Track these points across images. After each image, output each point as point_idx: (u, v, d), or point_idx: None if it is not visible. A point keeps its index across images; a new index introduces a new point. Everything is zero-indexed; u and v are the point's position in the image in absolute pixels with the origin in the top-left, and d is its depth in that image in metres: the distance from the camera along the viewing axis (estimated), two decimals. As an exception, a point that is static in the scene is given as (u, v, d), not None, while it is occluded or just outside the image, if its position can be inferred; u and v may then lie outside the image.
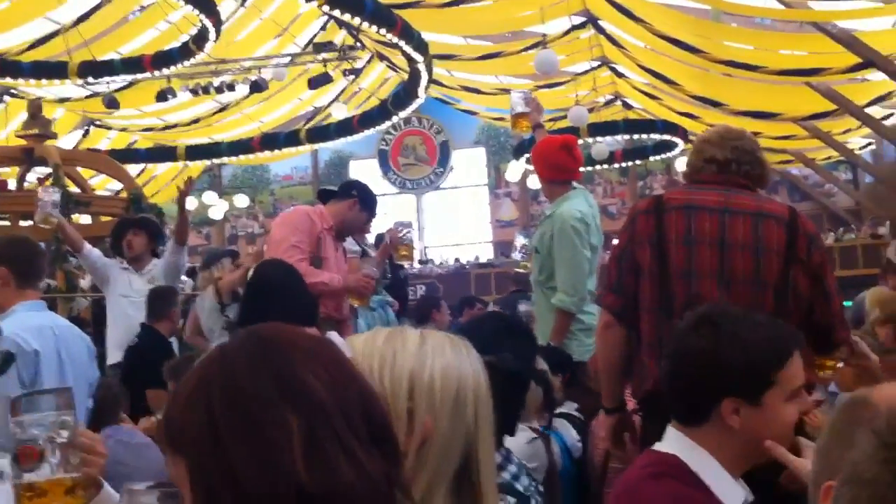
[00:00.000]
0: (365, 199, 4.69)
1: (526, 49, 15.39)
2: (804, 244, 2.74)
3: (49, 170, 9.59)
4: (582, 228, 4.39)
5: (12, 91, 17.08)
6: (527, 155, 16.84)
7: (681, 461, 1.85)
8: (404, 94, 15.60)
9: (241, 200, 23.72)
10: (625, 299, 2.83)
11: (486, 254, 23.23)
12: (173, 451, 0.97)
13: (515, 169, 20.53)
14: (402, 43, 11.92)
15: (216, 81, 15.80)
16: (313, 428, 0.93)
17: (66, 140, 16.82)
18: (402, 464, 1.00)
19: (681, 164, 20.17)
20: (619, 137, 18.05)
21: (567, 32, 15.32)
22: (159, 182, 21.56)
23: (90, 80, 13.95)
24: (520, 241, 5.60)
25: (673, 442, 1.91)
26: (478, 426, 1.36)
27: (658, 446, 1.94)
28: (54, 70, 13.14)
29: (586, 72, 16.92)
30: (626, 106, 19.45)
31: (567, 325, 4.37)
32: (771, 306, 2.66)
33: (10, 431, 1.57)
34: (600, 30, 15.30)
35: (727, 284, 2.70)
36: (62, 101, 17.42)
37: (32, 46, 14.62)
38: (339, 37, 17.24)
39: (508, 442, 2.18)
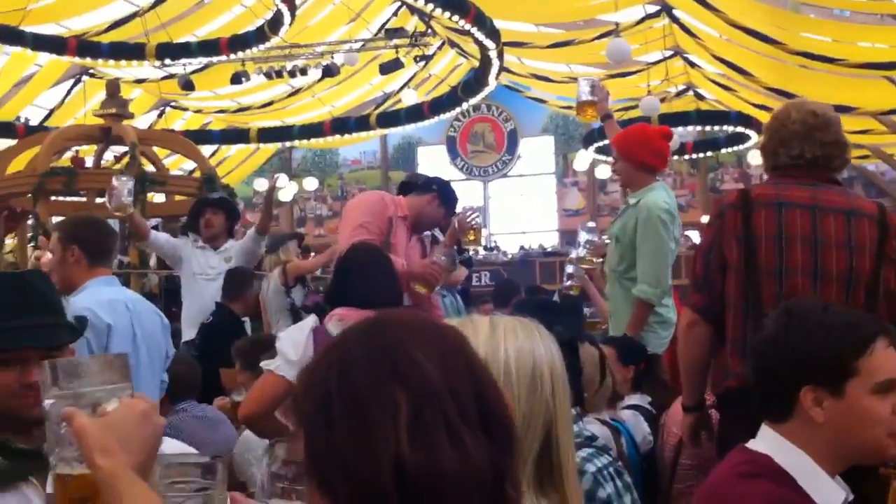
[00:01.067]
0: (444, 196, 4.67)
1: (598, 37, 15.26)
2: (895, 242, 2.72)
3: (125, 149, 9.81)
4: (668, 220, 4.32)
5: (91, 71, 17.50)
6: (596, 144, 16.76)
7: (773, 461, 1.80)
8: (475, 81, 15.60)
9: (311, 183, 23.96)
10: (711, 297, 2.80)
11: (552, 242, 23.13)
12: (297, 426, 1.00)
13: (583, 158, 20.39)
14: (474, 30, 11.92)
15: (289, 65, 15.96)
16: (420, 408, 0.94)
17: (142, 120, 17.16)
18: (514, 454, 1.00)
19: (753, 157, 19.85)
20: (690, 128, 17.80)
21: (640, 21, 15.15)
22: (231, 163, 21.91)
23: (167, 61, 14.18)
24: (583, 236, 5.47)
25: (766, 440, 1.86)
26: (556, 405, 1.37)
27: (751, 444, 1.89)
28: (132, 51, 13.41)
29: (659, 61, 16.71)
30: (699, 97, 19.16)
31: (646, 317, 4.30)
32: (862, 305, 2.63)
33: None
34: (674, 19, 15.10)
35: (819, 282, 2.67)
36: (139, 82, 17.78)
37: (111, 28, 14.93)
38: (411, 23, 17.29)
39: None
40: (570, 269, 5.50)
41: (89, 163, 10.57)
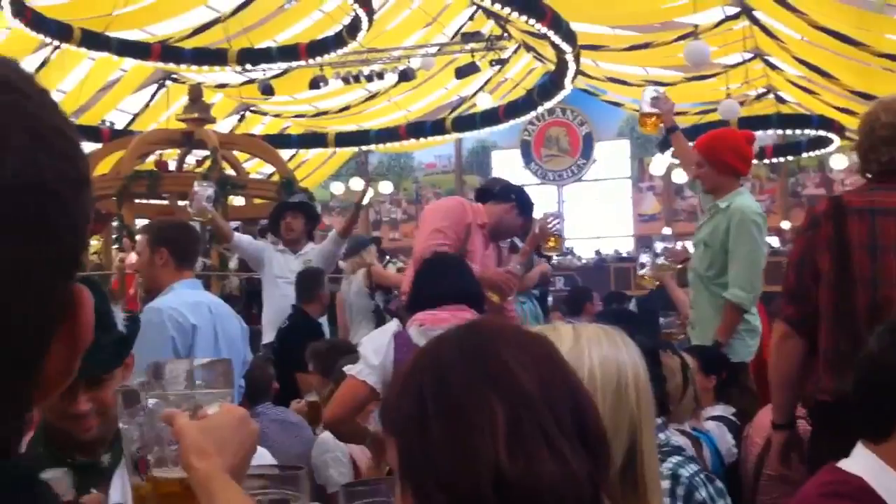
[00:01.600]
0: (523, 205, 4.66)
1: (676, 40, 15.08)
2: None
3: (207, 152, 10.01)
4: (762, 223, 4.27)
5: (174, 76, 17.90)
6: (673, 148, 16.53)
7: (865, 483, 1.73)
8: (551, 84, 15.56)
9: (386, 187, 24.14)
10: (804, 309, 2.73)
11: (627, 247, 22.92)
12: (388, 434, 1.00)
13: (660, 162, 20.14)
14: (550, 33, 11.88)
15: (366, 70, 16.11)
16: (518, 417, 0.93)
17: (223, 124, 17.48)
18: (609, 467, 0.99)
19: (836, 162, 19.40)
20: (770, 132, 17.47)
21: (720, 23, 14.93)
22: (309, 167, 22.20)
23: (248, 66, 14.44)
24: (659, 246, 5.43)
25: (860, 460, 1.79)
26: (640, 414, 1.36)
27: (842, 464, 1.82)
28: (214, 57, 13.70)
29: (738, 64, 16.44)
30: (780, 100, 18.79)
31: (737, 322, 4.20)
32: None
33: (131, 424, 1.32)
34: (755, 20, 14.84)
35: None
36: (220, 86, 18.12)
37: (194, 33, 15.26)
38: (487, 27, 17.30)
39: None
40: (644, 258, 5.47)
41: (172, 166, 10.80)
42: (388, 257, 11.04)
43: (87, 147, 16.15)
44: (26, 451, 1.79)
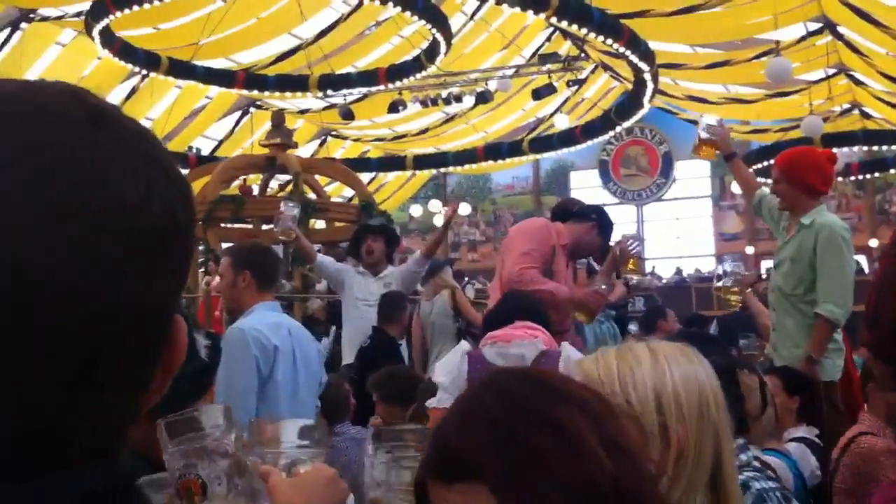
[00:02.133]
0: (603, 225, 4.67)
1: (757, 57, 14.89)
2: None
3: (289, 177, 10.20)
4: (849, 239, 4.25)
5: (258, 103, 18.31)
6: (755, 166, 16.28)
7: None
8: (628, 104, 15.50)
9: (464, 208, 24.22)
10: (880, 334, 2.71)
11: (708, 267, 22.58)
12: (461, 481, 0.96)
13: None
14: (628, 52, 11.85)
15: (444, 93, 16.25)
16: (599, 424, 0.95)
17: (305, 149, 17.81)
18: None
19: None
20: (855, 149, 17.09)
21: (802, 39, 14.71)
22: (388, 189, 22.43)
23: (329, 92, 14.70)
24: (728, 265, 5.40)
25: None
26: (720, 429, 1.38)
27: None
28: (296, 83, 13.98)
29: (822, 80, 16.15)
30: (865, 115, 18.38)
31: (829, 338, 4.16)
32: None
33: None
34: (838, 35, 14.58)
35: None
36: (302, 112, 18.47)
37: (276, 61, 15.61)
38: (564, 48, 17.32)
39: None
40: (726, 267, 5.42)
41: (256, 191, 11.03)
42: (465, 279, 11.09)
43: (175, 173, 16.60)
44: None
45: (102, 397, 0.62)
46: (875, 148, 16.88)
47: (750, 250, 22.47)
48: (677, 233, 24.59)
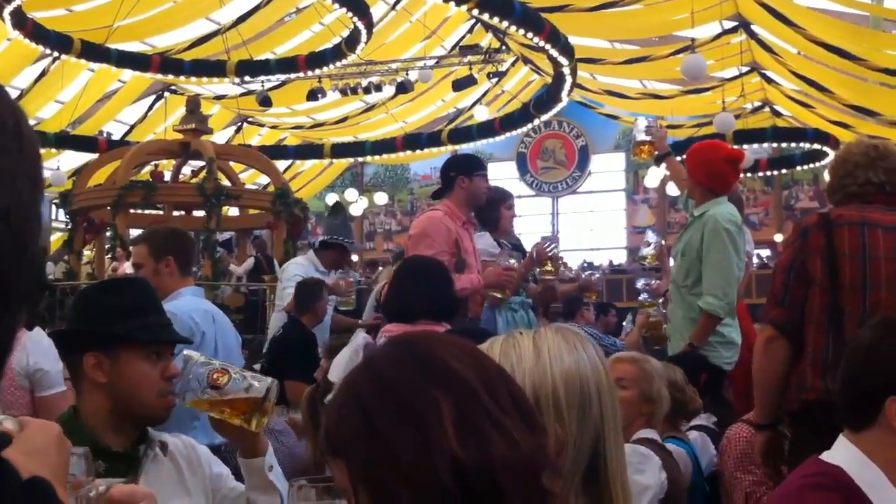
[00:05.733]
0: (464, 169, 4.65)
1: (673, 53, 15.17)
2: None
3: (203, 163, 10.06)
4: (735, 231, 4.25)
5: (172, 88, 17.96)
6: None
7: (846, 474, 1.82)
8: (547, 97, 15.63)
9: (381, 198, 24.19)
10: (791, 312, 2.85)
11: (620, 259, 22.96)
12: (335, 457, 1.01)
13: (655, 175, 20.20)
14: (548, 46, 11.94)
15: (364, 82, 16.17)
16: (462, 405, 0.96)
17: (220, 136, 17.54)
18: (549, 441, 1.03)
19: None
20: (765, 145, 17.53)
21: (717, 37, 15.03)
22: (305, 177, 22.24)
23: (246, 78, 14.50)
24: (651, 237, 5.53)
25: (841, 451, 1.88)
26: (604, 421, 1.35)
27: (825, 456, 1.91)
28: (213, 68, 13.76)
29: (735, 77, 16.53)
30: (775, 113, 18.89)
31: (711, 330, 4.20)
32: None
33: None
34: (752, 34, 14.93)
35: None
36: (218, 98, 18.18)
37: (193, 45, 15.33)
38: (486, 40, 17.38)
39: None
40: (650, 236, 5.56)
41: (168, 177, 10.84)
42: (380, 268, 11.06)
43: (84, 157, 16.21)
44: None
45: None
46: (784, 145, 17.33)
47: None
48: (591, 225, 24.94)
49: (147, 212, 9.85)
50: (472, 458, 0.94)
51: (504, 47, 17.01)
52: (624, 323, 7.49)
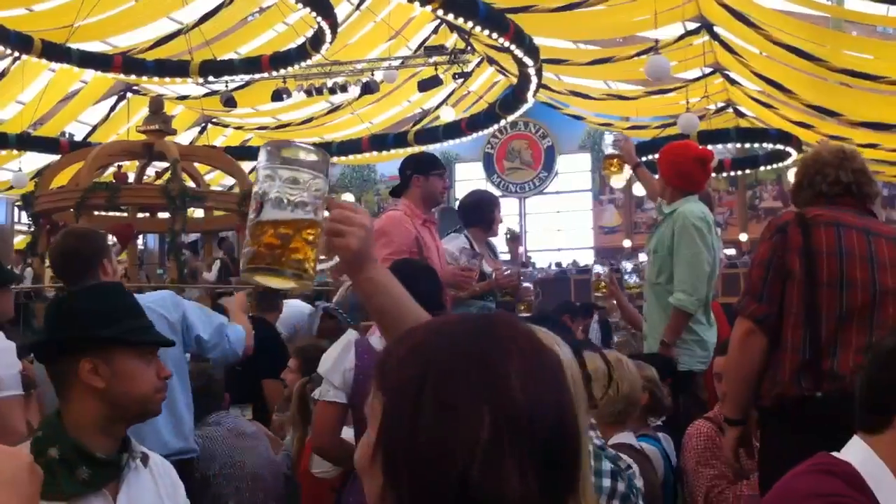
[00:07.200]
0: (420, 168, 4.64)
1: (637, 54, 15.25)
2: None
3: (167, 164, 9.94)
4: (704, 228, 4.30)
5: (135, 88, 17.78)
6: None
7: (853, 469, 1.80)
8: (513, 98, 15.66)
9: (348, 199, 24.14)
10: (769, 307, 2.88)
11: (587, 259, 23.08)
12: (378, 387, 0.98)
13: (621, 175, 20.32)
14: (513, 47, 11.96)
15: (329, 82, 16.12)
16: (500, 433, 0.92)
17: (184, 136, 17.40)
18: (574, 488, 0.98)
19: (793, 175, 19.66)
20: (729, 146, 17.70)
21: (680, 38, 15.13)
22: (270, 179, 22.11)
23: (210, 78, 14.39)
24: (598, 269, 5.57)
25: (854, 450, 1.86)
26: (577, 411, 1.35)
27: (836, 453, 1.88)
28: (176, 69, 13.63)
29: (698, 78, 16.67)
30: (739, 114, 19.07)
31: (683, 326, 4.24)
32: None
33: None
34: (715, 36, 15.05)
35: (878, 296, 2.83)
36: (182, 98, 18.03)
37: (155, 45, 15.18)
38: (451, 41, 17.39)
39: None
40: (597, 269, 5.58)
41: (132, 178, 10.72)
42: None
43: (46, 159, 16.02)
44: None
45: None
46: (747, 145, 17.50)
47: (627, 243, 23.06)
48: (558, 226, 25.04)
49: (111, 214, 9.72)
50: (483, 487, 0.90)
51: (469, 48, 17.02)
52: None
